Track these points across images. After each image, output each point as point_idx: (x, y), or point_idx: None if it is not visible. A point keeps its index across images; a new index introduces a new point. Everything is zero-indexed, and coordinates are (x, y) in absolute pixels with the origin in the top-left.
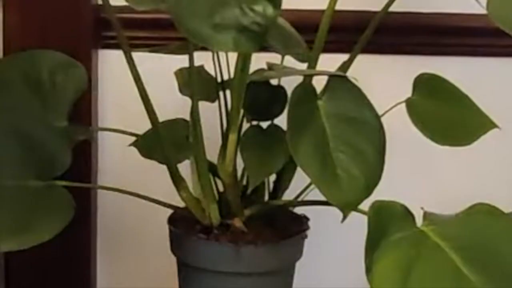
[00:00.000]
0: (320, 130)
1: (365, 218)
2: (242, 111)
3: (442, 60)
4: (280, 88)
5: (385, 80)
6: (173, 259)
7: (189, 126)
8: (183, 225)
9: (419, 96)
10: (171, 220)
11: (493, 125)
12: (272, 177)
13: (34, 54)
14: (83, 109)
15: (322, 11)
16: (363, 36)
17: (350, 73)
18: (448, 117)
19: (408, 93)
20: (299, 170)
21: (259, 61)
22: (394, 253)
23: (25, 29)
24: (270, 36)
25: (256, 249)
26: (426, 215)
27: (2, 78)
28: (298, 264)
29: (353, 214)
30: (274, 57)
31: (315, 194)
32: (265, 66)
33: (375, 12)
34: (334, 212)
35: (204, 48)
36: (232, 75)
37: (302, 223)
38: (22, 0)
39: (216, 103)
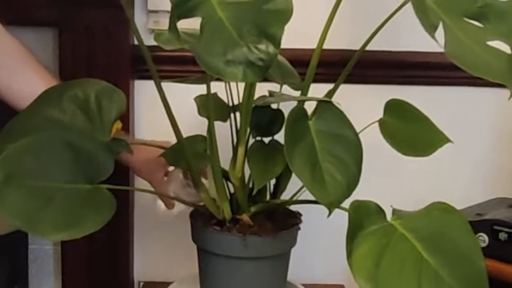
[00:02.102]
0: (311, 144)
1: (346, 214)
2: (248, 129)
3: (408, 89)
4: (279, 111)
5: (362, 104)
6: (193, 246)
7: (207, 141)
8: (201, 219)
9: (389, 117)
10: (192, 215)
11: (447, 140)
12: (272, 181)
13: (84, 82)
14: (122, 127)
15: (312, 50)
16: (344, 69)
17: (334, 99)
18: (412, 134)
19: (380, 114)
20: (294, 176)
21: (262, 89)
22: (369, 242)
23: (76, 62)
24: (271, 69)
25: (260, 239)
26: (395, 212)
27: (58, 101)
28: (293, 250)
29: (336, 211)
30: (274, 86)
31: (306, 195)
32: (267, 93)
33: (354, 51)
34: (322, 209)
35: (218, 79)
36: (240, 101)
37: (296, 217)
38: (74, 39)
39: (228, 123)
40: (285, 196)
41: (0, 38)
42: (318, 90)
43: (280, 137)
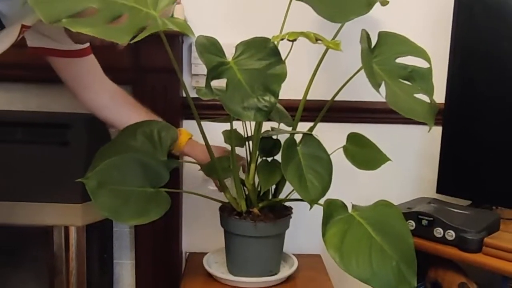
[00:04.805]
0: (298, 162)
1: (321, 208)
2: (257, 152)
3: (363, 126)
4: (277, 140)
5: (332, 136)
6: (221, 229)
7: (230, 160)
8: (227, 211)
9: (350, 144)
10: (221, 209)
11: (388, 159)
12: (273, 186)
13: (150, 122)
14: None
15: (299, 100)
16: (320, 113)
17: (314, 133)
18: (365, 155)
19: (344, 142)
20: (287, 183)
21: (266, 125)
22: (337, 226)
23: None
24: (272, 113)
25: (265, 224)
26: (353, 206)
27: (133, 134)
28: (286, 232)
29: (315, 206)
30: (274, 124)
31: (295, 195)
32: (270, 128)
33: (327, 100)
34: (305, 205)
35: (238, 119)
36: (252, 133)
37: (289, 210)
38: (143, 93)
39: (244, 148)
40: (282, 196)
41: (108, 85)
42: (303, 126)
43: (278, 157)
